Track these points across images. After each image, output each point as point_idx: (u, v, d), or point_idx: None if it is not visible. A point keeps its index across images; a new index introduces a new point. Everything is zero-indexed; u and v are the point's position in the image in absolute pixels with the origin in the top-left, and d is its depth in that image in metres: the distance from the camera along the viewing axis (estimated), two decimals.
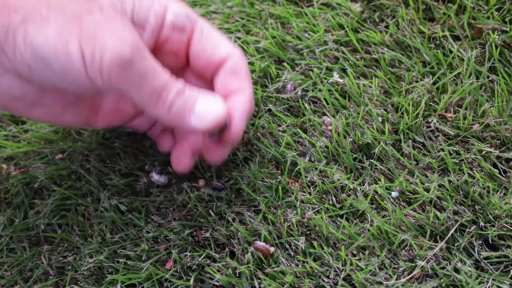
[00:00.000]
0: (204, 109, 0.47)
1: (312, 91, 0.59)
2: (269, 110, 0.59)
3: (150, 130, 0.58)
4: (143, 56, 0.44)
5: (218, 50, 0.49)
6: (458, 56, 0.59)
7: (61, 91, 0.49)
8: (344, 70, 0.61)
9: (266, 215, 0.53)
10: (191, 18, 0.49)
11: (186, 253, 0.53)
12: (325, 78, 0.60)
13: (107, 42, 0.43)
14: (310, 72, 0.60)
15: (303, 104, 0.58)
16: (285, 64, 0.62)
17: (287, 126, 0.58)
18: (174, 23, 0.48)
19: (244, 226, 0.53)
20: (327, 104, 0.58)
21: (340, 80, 0.59)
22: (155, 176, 0.57)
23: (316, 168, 0.55)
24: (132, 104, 0.54)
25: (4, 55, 0.44)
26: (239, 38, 0.65)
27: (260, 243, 0.51)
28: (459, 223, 0.51)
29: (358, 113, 0.57)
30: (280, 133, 0.57)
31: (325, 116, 0.58)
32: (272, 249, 0.51)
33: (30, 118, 0.57)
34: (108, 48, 0.43)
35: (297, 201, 0.53)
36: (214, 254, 0.52)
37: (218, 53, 0.49)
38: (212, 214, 0.54)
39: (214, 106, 0.47)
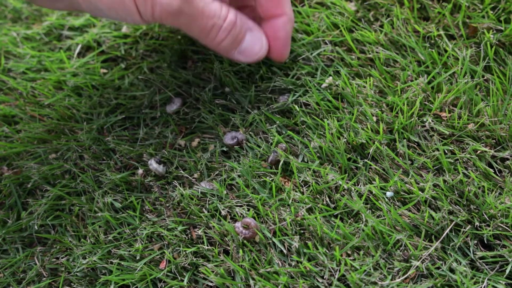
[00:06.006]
0: (248, 46, 0.54)
1: (304, 95, 0.59)
2: (259, 107, 0.59)
3: None
4: (191, 2, 0.49)
5: None
6: (453, 55, 0.59)
7: None
8: (338, 72, 0.60)
9: (259, 212, 0.53)
10: None
11: (179, 250, 0.52)
12: (318, 83, 0.59)
13: None
14: (303, 77, 0.60)
15: (294, 106, 0.58)
16: (275, 69, 0.62)
17: (279, 127, 0.58)
18: None
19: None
20: (318, 106, 0.58)
21: (335, 82, 0.59)
22: (154, 164, 0.56)
23: (309, 168, 0.54)
24: None
25: None
26: None
27: (248, 219, 0.51)
28: (454, 223, 0.50)
29: (352, 114, 0.56)
30: (272, 133, 0.57)
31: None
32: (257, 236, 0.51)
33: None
34: (157, 2, 0.48)
35: (289, 199, 0.53)
36: (207, 253, 0.52)
37: None
38: (205, 211, 0.54)
39: (257, 45, 0.55)
